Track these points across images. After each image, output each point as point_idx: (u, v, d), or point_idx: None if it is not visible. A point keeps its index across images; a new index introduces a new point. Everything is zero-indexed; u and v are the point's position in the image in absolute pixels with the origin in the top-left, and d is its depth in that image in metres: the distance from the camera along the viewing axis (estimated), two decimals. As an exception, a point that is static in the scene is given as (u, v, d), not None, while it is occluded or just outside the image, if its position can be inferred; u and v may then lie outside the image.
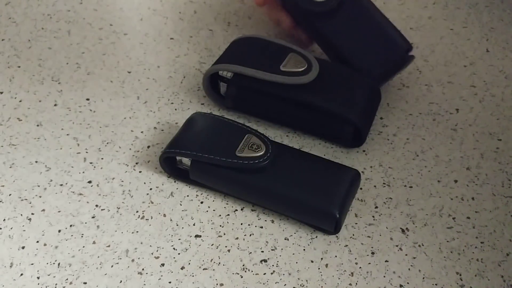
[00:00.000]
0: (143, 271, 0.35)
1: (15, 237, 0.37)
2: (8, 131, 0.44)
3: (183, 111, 0.46)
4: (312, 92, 0.42)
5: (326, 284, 0.35)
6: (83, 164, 0.42)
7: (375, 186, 0.41)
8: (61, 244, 0.37)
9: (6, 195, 0.39)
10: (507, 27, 0.56)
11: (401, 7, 0.57)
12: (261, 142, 0.39)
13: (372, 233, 0.38)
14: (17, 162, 0.41)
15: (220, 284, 0.35)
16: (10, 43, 0.52)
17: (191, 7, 0.57)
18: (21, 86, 0.48)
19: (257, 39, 0.46)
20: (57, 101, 0.47)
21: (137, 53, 0.51)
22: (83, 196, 0.39)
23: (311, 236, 0.37)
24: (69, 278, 0.35)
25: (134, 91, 0.48)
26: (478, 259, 0.36)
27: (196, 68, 0.50)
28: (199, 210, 0.39)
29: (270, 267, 0.36)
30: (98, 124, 0.45)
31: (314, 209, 0.36)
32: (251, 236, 0.37)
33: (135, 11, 0.56)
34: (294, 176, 0.38)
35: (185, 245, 0.37)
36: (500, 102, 0.48)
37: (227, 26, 0.55)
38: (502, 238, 0.38)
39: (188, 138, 0.40)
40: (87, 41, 0.53)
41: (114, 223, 0.38)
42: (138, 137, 0.44)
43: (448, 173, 0.42)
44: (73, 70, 0.49)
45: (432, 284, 0.35)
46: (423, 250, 0.37)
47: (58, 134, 0.44)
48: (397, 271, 0.36)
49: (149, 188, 0.40)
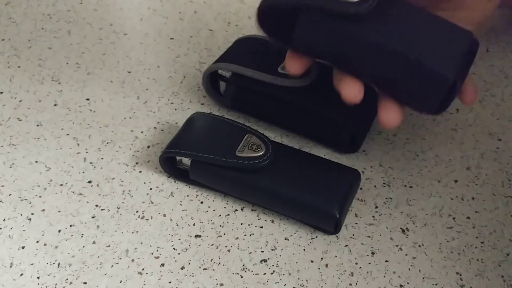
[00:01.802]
0: (143, 271, 0.35)
1: (15, 237, 0.37)
2: (8, 131, 0.44)
3: (183, 111, 0.46)
4: (309, 95, 0.42)
5: (326, 284, 0.35)
6: (83, 164, 0.42)
7: (375, 186, 0.41)
8: (61, 244, 0.37)
9: (6, 195, 0.39)
10: (507, 27, 0.56)
11: (401, 7, 0.57)
12: (261, 142, 0.39)
13: (372, 233, 0.38)
14: (17, 162, 0.41)
15: (220, 284, 0.35)
16: (10, 43, 0.52)
17: (191, 7, 0.57)
18: (21, 86, 0.48)
19: (260, 40, 0.46)
20: (57, 101, 0.47)
21: (137, 53, 0.51)
22: (83, 196, 0.39)
23: (311, 236, 0.37)
24: (69, 278, 0.35)
25: (134, 91, 0.48)
26: (478, 259, 0.36)
27: (196, 68, 0.50)
28: (199, 210, 0.39)
29: (270, 267, 0.36)
30: (98, 124, 0.45)
31: (314, 209, 0.36)
32: (251, 236, 0.37)
33: (135, 11, 0.56)
34: (294, 176, 0.38)
35: (185, 245, 0.37)
36: (500, 102, 0.48)
37: (227, 26, 0.55)
38: (502, 238, 0.38)
39: (188, 138, 0.40)
40: (87, 41, 0.53)
41: (114, 223, 0.38)
42: (138, 137, 0.44)
43: (448, 173, 0.42)
44: (73, 70, 0.49)
45: (432, 284, 0.35)
46: (423, 250, 0.37)
47: (58, 134, 0.44)
48: (397, 271, 0.36)
49: (149, 188, 0.40)
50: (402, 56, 0.34)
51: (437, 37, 0.35)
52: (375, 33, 0.34)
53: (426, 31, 0.35)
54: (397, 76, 0.35)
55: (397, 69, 0.35)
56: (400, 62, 0.34)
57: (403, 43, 0.34)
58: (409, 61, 0.34)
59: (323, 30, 0.35)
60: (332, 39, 0.35)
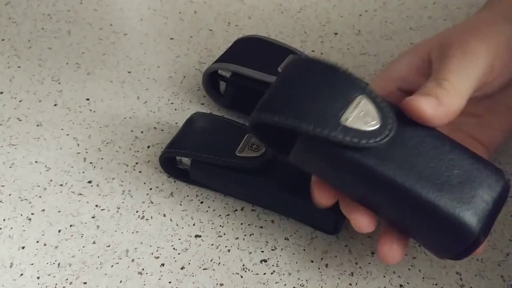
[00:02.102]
0: (143, 271, 0.35)
1: (15, 237, 0.37)
2: (8, 131, 0.44)
3: (183, 111, 0.46)
4: None
5: (326, 284, 0.35)
6: (83, 164, 0.42)
7: (375, 186, 0.41)
8: (61, 244, 0.37)
9: (6, 195, 0.39)
10: None
11: (401, 7, 0.57)
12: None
13: (372, 233, 0.38)
14: (17, 162, 0.41)
15: (220, 284, 0.35)
16: (10, 43, 0.52)
17: (191, 7, 0.57)
18: (21, 86, 0.48)
19: (260, 40, 0.46)
20: (57, 101, 0.47)
21: (137, 53, 0.51)
22: (83, 196, 0.39)
23: (311, 236, 0.37)
24: (69, 278, 0.35)
25: (134, 91, 0.48)
26: (478, 259, 0.36)
27: (196, 68, 0.50)
28: (199, 210, 0.39)
29: (270, 267, 0.36)
30: (98, 124, 0.45)
31: (314, 209, 0.36)
32: (251, 236, 0.37)
33: (135, 11, 0.56)
34: (293, 176, 0.38)
35: (185, 245, 0.37)
36: (500, 102, 0.48)
37: (227, 26, 0.55)
38: (502, 238, 0.38)
39: (188, 138, 0.40)
40: (87, 41, 0.53)
41: (114, 223, 0.38)
42: (138, 137, 0.44)
43: (448, 173, 0.42)
44: (73, 70, 0.49)
45: (432, 284, 0.35)
46: (423, 250, 0.37)
47: (58, 134, 0.44)
48: (397, 271, 0.36)
49: (149, 188, 0.40)
50: (418, 196, 0.28)
51: (464, 177, 0.28)
52: (388, 166, 0.28)
53: (450, 167, 0.29)
54: (411, 219, 0.29)
55: (412, 210, 0.29)
56: (416, 202, 0.28)
57: (420, 181, 0.28)
58: (427, 203, 0.28)
59: (324, 157, 0.30)
60: (334, 168, 0.30)
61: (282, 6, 0.57)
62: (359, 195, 0.31)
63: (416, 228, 0.30)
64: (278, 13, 0.56)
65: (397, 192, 0.28)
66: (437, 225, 0.28)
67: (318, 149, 0.29)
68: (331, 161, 0.29)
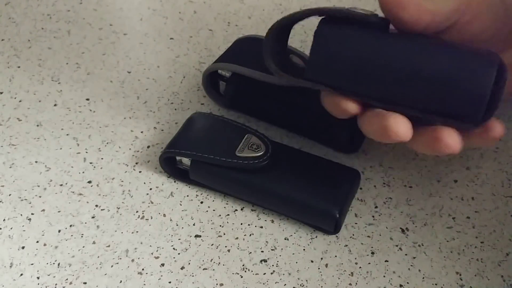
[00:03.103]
0: (143, 271, 0.35)
1: (15, 237, 0.37)
2: (8, 131, 0.44)
3: (183, 111, 0.46)
4: (308, 95, 0.42)
5: (326, 284, 0.35)
6: (83, 164, 0.42)
7: (375, 186, 0.41)
8: (61, 244, 0.37)
9: (6, 195, 0.39)
10: None
11: (401, 7, 0.57)
12: (261, 142, 0.39)
13: (372, 233, 0.38)
14: (17, 162, 0.41)
15: (220, 284, 0.35)
16: (10, 43, 0.52)
17: (191, 7, 0.57)
18: (21, 86, 0.48)
19: (260, 40, 0.46)
20: (57, 101, 0.47)
21: (137, 53, 0.51)
22: (83, 196, 0.39)
23: (311, 236, 0.37)
24: (69, 278, 0.35)
25: (134, 91, 0.48)
26: (478, 259, 0.36)
27: (196, 68, 0.50)
28: (199, 210, 0.39)
29: (270, 267, 0.36)
30: (98, 124, 0.45)
31: (314, 209, 0.36)
32: (251, 236, 0.37)
33: (135, 11, 0.56)
34: (294, 176, 0.38)
35: (185, 245, 0.37)
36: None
37: (227, 26, 0.55)
38: (502, 238, 0.38)
39: (188, 138, 0.40)
40: (87, 41, 0.53)
41: (114, 223, 0.38)
42: (138, 137, 0.44)
43: (448, 173, 0.42)
44: (73, 70, 0.49)
45: (432, 284, 0.35)
46: (423, 250, 0.37)
47: (58, 134, 0.44)
48: (397, 271, 0.36)
49: (149, 188, 0.40)
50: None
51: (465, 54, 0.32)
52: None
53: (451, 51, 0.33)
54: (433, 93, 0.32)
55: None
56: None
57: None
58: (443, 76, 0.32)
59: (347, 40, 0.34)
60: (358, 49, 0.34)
61: (282, 6, 0.57)
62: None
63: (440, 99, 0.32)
64: (278, 13, 0.56)
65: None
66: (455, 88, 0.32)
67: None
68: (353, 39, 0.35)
